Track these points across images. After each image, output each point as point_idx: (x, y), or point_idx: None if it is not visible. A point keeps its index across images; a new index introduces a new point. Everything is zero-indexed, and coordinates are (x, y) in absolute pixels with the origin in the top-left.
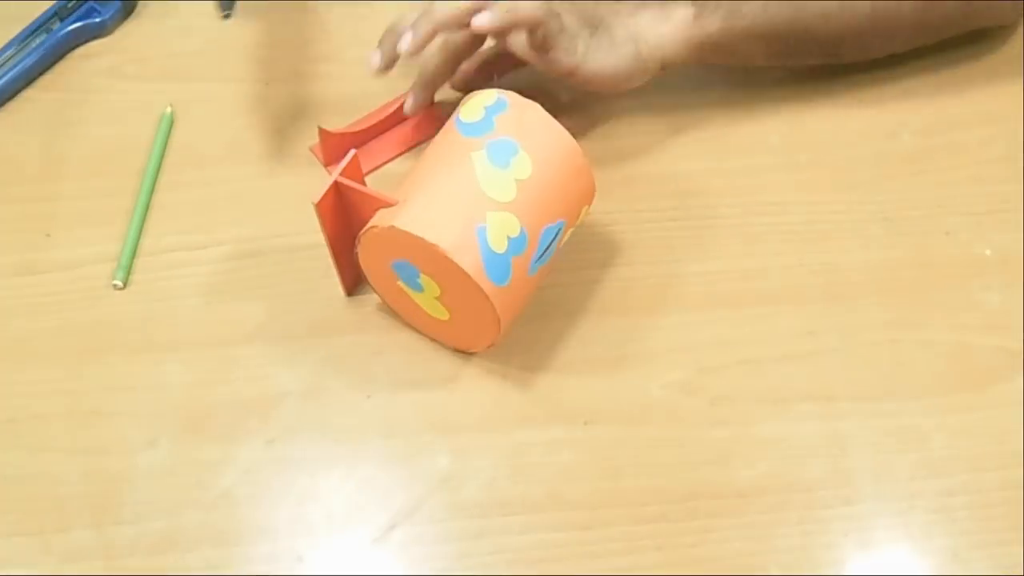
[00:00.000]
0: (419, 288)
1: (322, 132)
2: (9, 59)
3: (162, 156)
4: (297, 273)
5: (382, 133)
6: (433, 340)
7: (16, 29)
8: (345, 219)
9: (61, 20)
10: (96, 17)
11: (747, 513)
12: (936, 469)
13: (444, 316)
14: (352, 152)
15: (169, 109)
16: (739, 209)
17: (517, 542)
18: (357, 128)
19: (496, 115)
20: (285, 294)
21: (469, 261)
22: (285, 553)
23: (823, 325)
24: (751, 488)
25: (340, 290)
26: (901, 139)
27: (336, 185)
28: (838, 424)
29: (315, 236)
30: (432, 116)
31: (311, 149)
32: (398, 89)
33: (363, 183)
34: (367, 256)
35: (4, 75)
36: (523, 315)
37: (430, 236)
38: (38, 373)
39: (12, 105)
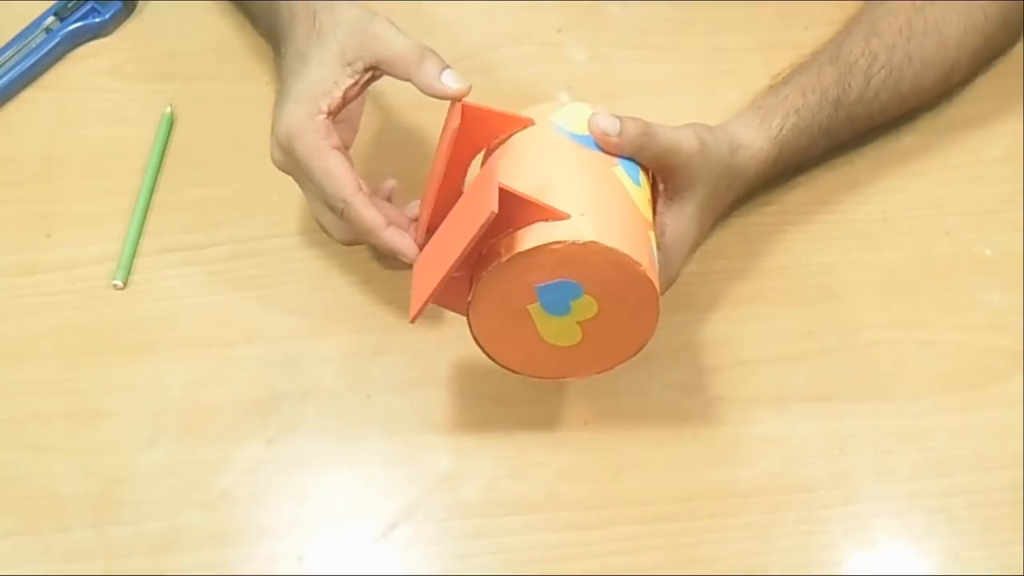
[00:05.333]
0: (564, 311)
1: None
2: (9, 59)
3: (162, 156)
4: (297, 273)
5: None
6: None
7: (16, 29)
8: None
9: (61, 20)
10: (96, 17)
11: (747, 513)
12: (936, 469)
13: (572, 340)
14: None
15: (169, 109)
16: (739, 209)
17: (517, 542)
18: None
19: None
20: (285, 294)
21: (658, 284)
22: (285, 553)
23: (823, 325)
24: (751, 488)
25: (340, 290)
26: (901, 139)
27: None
28: (838, 424)
29: (315, 236)
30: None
31: None
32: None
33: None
34: (506, 275)
35: (4, 75)
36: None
37: (636, 257)
38: (38, 373)
39: (12, 105)
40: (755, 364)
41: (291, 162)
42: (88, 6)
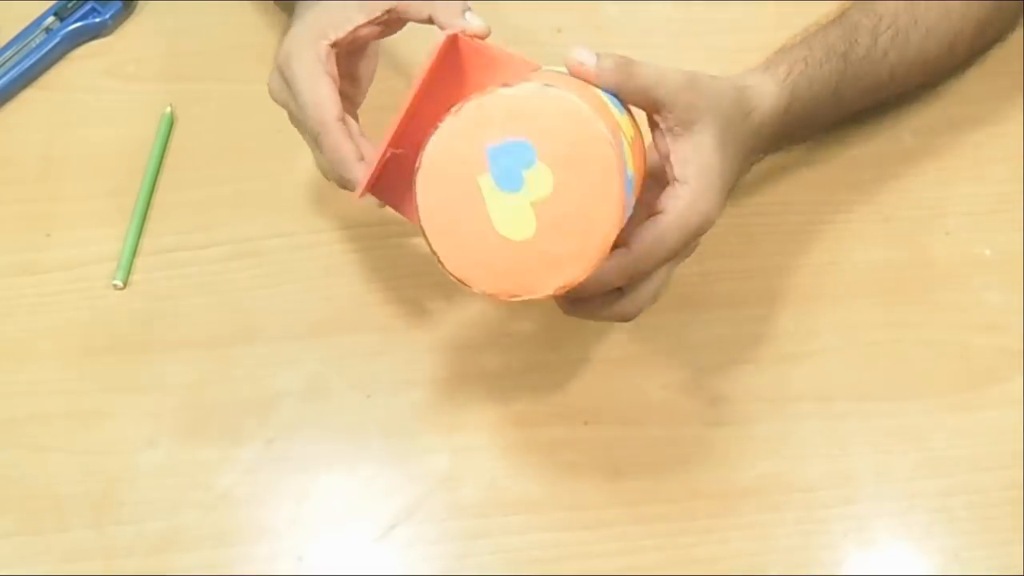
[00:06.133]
0: (517, 186)
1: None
2: (9, 59)
3: (162, 156)
4: (297, 273)
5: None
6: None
7: (16, 29)
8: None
9: (61, 20)
10: (96, 17)
11: (747, 513)
12: (936, 469)
13: (526, 232)
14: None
15: (169, 109)
16: (739, 209)
17: (517, 542)
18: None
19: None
20: (285, 294)
21: (620, 162)
22: (285, 553)
23: (823, 325)
24: (751, 488)
25: (340, 290)
26: (901, 139)
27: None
28: (838, 424)
29: (315, 236)
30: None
31: None
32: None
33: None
34: (456, 134)
35: (4, 75)
36: (522, 314)
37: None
38: (38, 373)
39: (12, 105)
40: (755, 364)
41: (285, 86)
42: (88, 6)
